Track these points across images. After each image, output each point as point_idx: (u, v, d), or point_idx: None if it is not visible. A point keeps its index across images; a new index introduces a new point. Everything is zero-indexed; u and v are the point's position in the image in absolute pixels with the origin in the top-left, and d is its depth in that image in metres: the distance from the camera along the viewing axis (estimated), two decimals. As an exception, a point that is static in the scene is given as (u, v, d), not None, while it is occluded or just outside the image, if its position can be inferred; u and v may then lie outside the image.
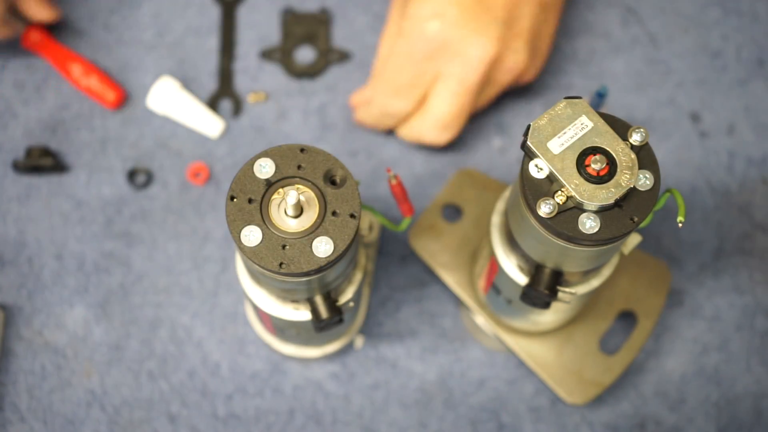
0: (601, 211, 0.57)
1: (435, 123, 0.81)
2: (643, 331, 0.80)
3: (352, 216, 0.59)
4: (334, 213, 0.59)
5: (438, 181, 0.86)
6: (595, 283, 0.68)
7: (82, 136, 0.87)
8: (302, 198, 0.58)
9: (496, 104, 0.89)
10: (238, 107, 0.88)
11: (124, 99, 0.88)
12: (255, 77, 0.89)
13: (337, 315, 0.64)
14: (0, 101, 0.87)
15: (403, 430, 0.81)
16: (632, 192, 0.57)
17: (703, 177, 0.88)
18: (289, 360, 0.82)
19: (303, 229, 0.58)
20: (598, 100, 0.73)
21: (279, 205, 0.59)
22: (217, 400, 0.81)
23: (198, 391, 0.81)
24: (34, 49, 0.87)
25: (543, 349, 0.79)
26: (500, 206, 0.70)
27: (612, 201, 0.56)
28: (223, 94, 0.88)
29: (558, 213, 0.57)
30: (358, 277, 0.68)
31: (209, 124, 0.87)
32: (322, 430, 0.81)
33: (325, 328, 0.65)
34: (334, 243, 0.58)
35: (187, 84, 0.88)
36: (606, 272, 0.68)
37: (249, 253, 0.58)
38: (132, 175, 0.86)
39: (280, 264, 0.58)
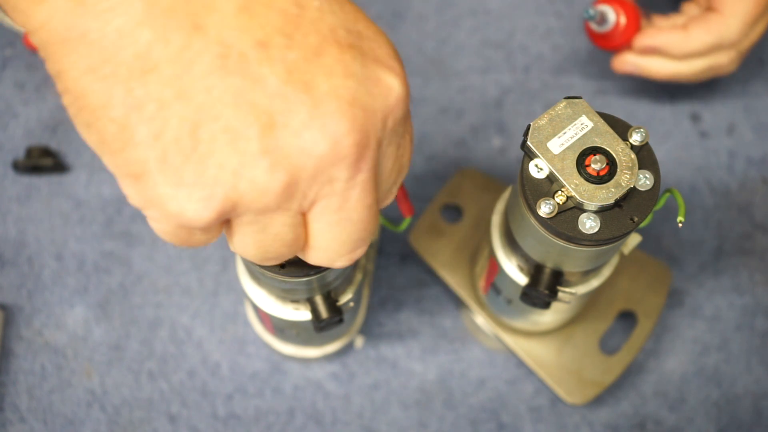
0: (601, 211, 0.57)
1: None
2: (643, 331, 0.80)
3: (352, 216, 0.59)
4: (334, 213, 0.59)
5: (438, 181, 0.86)
6: (595, 283, 0.68)
7: (82, 136, 0.87)
8: (302, 198, 0.58)
9: (496, 104, 0.89)
10: (238, 107, 0.88)
11: None
12: (255, 77, 0.89)
13: (337, 315, 0.64)
14: (0, 101, 0.88)
15: (403, 430, 0.81)
16: (632, 192, 0.57)
17: (703, 177, 0.88)
18: (289, 360, 0.82)
19: (303, 229, 0.58)
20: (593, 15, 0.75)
21: (279, 205, 0.59)
22: (217, 400, 0.81)
23: (198, 391, 0.81)
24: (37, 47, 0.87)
25: (543, 349, 0.79)
26: (500, 206, 0.70)
27: (612, 201, 0.56)
28: (223, 94, 0.88)
29: (558, 213, 0.57)
30: (358, 277, 0.68)
31: (209, 124, 0.87)
32: (322, 430, 0.81)
33: (325, 328, 0.65)
34: (334, 243, 0.58)
35: (187, 84, 0.88)
36: (606, 272, 0.68)
37: (249, 253, 0.58)
38: (132, 175, 0.86)
39: (281, 264, 0.58)
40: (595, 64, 0.90)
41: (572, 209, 0.57)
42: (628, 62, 0.79)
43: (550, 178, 0.57)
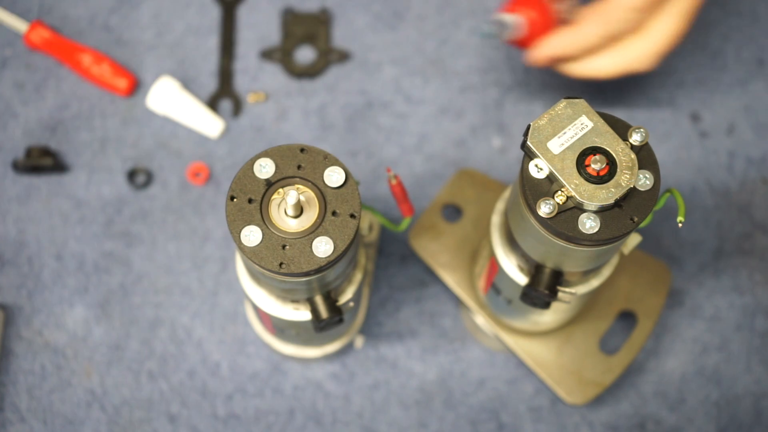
0: (601, 211, 0.57)
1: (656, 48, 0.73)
2: (643, 331, 0.80)
3: (352, 216, 0.59)
4: (334, 213, 0.59)
5: (438, 181, 0.86)
6: (595, 283, 0.68)
7: (82, 136, 0.87)
8: (302, 198, 0.58)
9: (497, 104, 0.89)
10: (238, 107, 0.88)
11: (135, 86, 0.88)
12: (255, 77, 0.89)
13: (337, 315, 0.64)
14: (0, 101, 0.88)
15: (403, 430, 0.81)
16: (632, 192, 0.57)
17: (703, 177, 0.88)
18: (289, 360, 0.82)
19: (303, 229, 0.58)
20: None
21: (279, 205, 0.59)
22: (217, 400, 0.81)
23: (198, 391, 0.81)
24: (37, 46, 0.87)
25: (543, 349, 0.79)
26: (500, 206, 0.70)
27: (612, 201, 0.56)
28: (223, 94, 0.88)
29: (558, 213, 0.57)
30: (358, 277, 0.68)
31: (209, 124, 0.87)
32: (322, 430, 0.81)
33: (325, 328, 0.65)
34: (334, 243, 0.58)
35: (187, 84, 0.88)
36: (606, 272, 0.68)
37: (249, 253, 0.58)
38: (132, 175, 0.86)
39: (280, 264, 0.58)
40: (595, 64, 0.90)
41: (572, 209, 0.57)
42: (540, 59, 0.76)
43: (550, 178, 0.57)
